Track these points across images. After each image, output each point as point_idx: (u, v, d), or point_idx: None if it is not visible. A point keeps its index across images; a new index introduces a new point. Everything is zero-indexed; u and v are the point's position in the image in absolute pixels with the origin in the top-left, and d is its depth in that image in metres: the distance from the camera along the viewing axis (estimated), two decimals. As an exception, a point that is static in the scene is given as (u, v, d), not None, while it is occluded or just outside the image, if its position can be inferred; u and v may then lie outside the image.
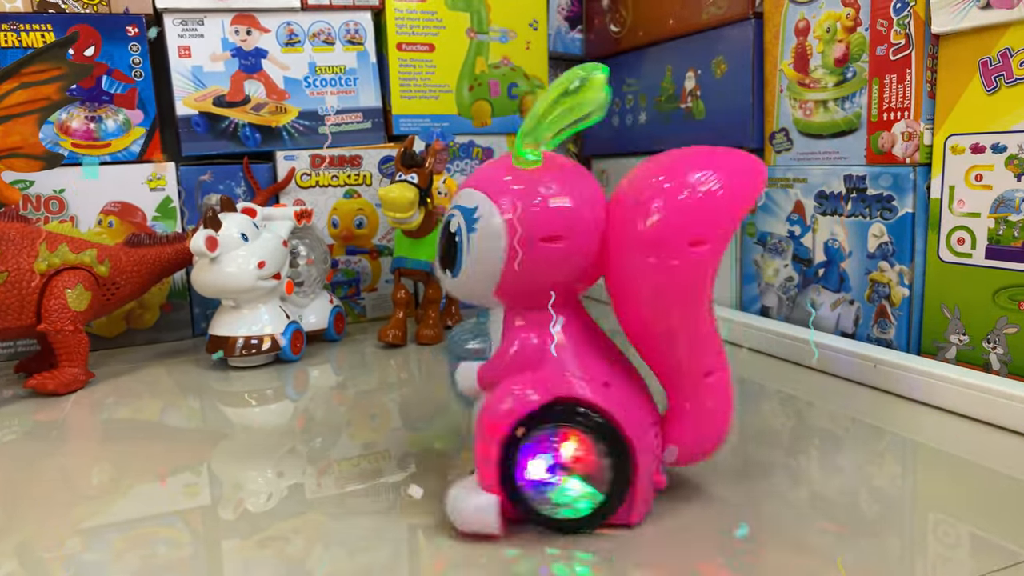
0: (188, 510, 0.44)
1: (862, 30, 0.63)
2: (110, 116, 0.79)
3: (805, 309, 0.71)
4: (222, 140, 0.83)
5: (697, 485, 0.44)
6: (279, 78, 0.85)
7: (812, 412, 0.56)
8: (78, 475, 0.49)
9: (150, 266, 0.72)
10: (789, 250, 0.72)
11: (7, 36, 0.74)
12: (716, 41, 0.79)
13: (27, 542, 0.40)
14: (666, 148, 0.92)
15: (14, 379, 0.70)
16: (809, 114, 0.70)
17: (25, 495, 0.46)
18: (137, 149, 0.80)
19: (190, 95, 0.82)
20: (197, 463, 0.51)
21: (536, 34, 0.96)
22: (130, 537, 0.40)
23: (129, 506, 0.44)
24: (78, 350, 0.65)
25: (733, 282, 0.79)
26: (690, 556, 0.37)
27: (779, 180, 0.72)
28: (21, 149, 0.57)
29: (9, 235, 0.62)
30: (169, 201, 0.81)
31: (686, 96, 0.85)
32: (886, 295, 0.63)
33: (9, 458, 0.52)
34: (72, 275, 0.65)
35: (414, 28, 0.89)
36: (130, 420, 0.60)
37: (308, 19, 0.86)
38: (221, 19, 0.82)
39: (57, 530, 0.41)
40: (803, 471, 0.46)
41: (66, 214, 0.77)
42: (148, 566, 0.37)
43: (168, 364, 0.74)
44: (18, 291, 0.62)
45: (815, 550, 0.37)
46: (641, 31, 0.91)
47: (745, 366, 0.68)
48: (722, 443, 0.41)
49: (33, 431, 0.57)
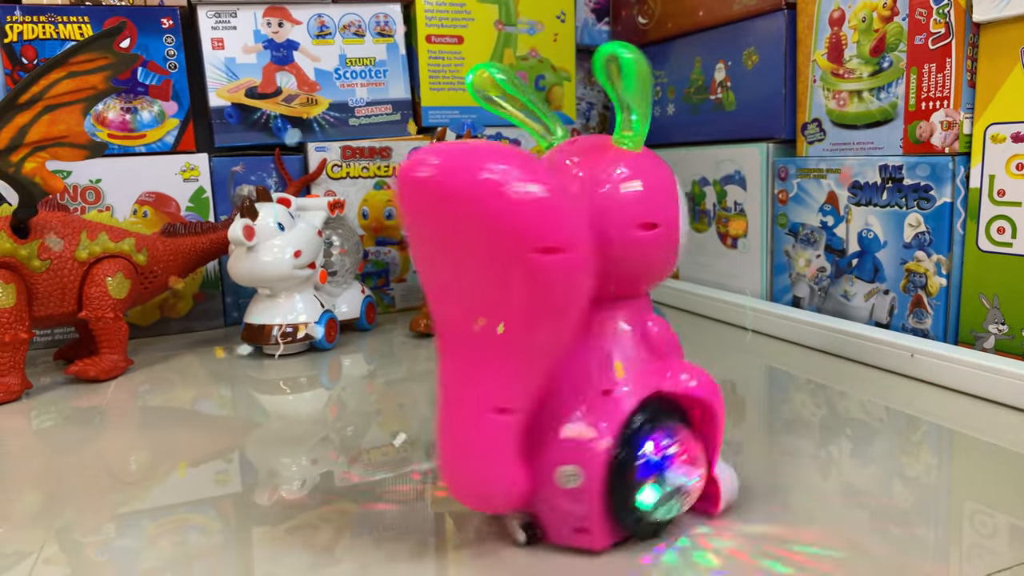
0: (220, 497, 0.44)
1: (899, 19, 0.63)
2: (145, 107, 0.80)
3: (838, 299, 0.71)
4: (254, 131, 0.83)
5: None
6: (310, 70, 0.85)
7: (845, 402, 0.56)
8: (116, 461, 0.50)
9: (185, 255, 0.73)
10: (821, 240, 0.72)
11: (45, 28, 0.75)
12: (747, 32, 0.79)
13: (67, 527, 0.41)
14: (694, 139, 0.92)
15: (53, 366, 0.71)
16: (843, 104, 0.69)
17: (66, 480, 0.47)
18: (171, 140, 0.81)
19: (223, 87, 0.82)
20: (231, 450, 0.52)
21: (563, 26, 0.96)
22: (163, 524, 0.41)
23: (163, 493, 0.45)
24: (118, 337, 0.66)
25: (764, 272, 0.79)
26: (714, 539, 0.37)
27: (812, 171, 0.72)
28: (66, 138, 0.57)
29: (51, 224, 0.63)
30: (202, 191, 0.82)
31: (716, 87, 0.85)
32: (922, 285, 0.63)
33: (50, 443, 0.53)
34: (112, 263, 0.66)
35: (443, 20, 0.90)
36: (166, 407, 0.60)
37: (339, 11, 0.86)
38: (254, 11, 0.83)
39: (95, 515, 0.42)
40: (834, 461, 0.46)
41: (102, 204, 0.78)
42: (179, 553, 0.38)
43: (203, 353, 0.75)
44: (60, 279, 0.63)
45: (846, 539, 0.37)
46: (670, 23, 0.91)
47: (776, 356, 0.68)
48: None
49: (73, 416, 0.58)
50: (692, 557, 0.35)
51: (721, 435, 0.38)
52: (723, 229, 0.84)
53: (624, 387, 0.34)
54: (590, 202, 0.33)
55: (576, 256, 0.30)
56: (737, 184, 0.81)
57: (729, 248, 0.83)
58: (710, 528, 0.38)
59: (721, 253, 0.85)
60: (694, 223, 0.89)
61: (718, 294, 0.81)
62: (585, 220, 0.31)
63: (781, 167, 0.76)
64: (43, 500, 0.44)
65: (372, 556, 0.37)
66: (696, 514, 0.38)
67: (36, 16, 0.75)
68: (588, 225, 0.31)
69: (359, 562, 0.36)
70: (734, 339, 0.74)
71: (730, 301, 0.79)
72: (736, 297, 0.80)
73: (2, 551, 0.38)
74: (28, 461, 0.51)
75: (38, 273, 0.62)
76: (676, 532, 0.37)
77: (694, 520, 0.38)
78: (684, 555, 0.35)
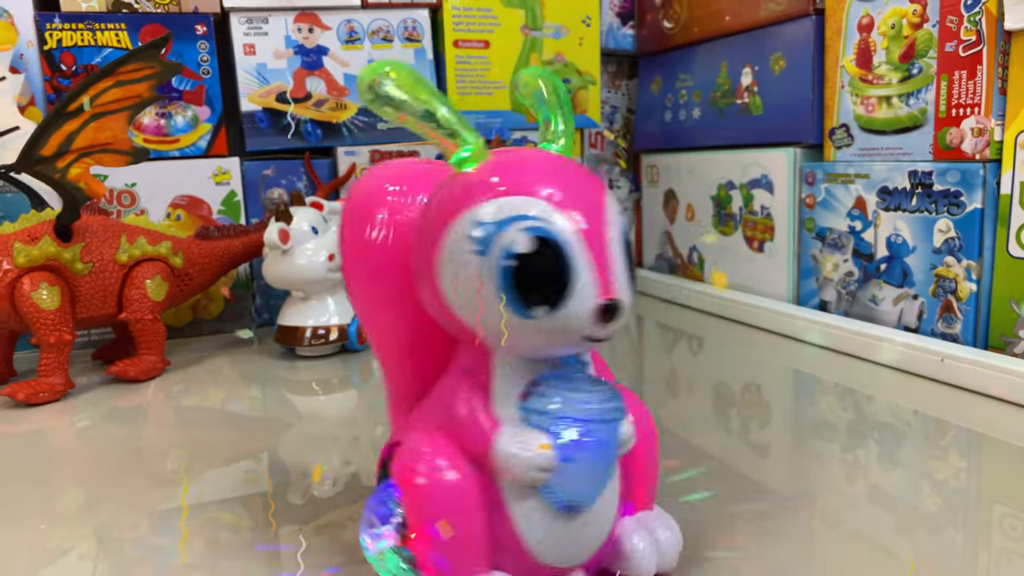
0: (249, 496, 0.45)
1: (929, 26, 0.64)
2: (179, 112, 0.81)
3: (865, 303, 0.71)
4: (283, 135, 0.85)
5: (749, 478, 0.45)
6: (339, 75, 0.87)
7: (872, 406, 0.57)
8: (153, 460, 0.51)
9: (219, 258, 0.74)
10: (849, 245, 0.72)
11: (84, 35, 0.77)
12: (775, 37, 0.80)
13: (105, 523, 0.42)
14: (721, 143, 0.92)
15: (92, 366, 0.73)
16: (871, 110, 0.70)
17: (106, 478, 0.48)
18: (204, 144, 0.82)
19: (254, 91, 0.84)
20: (262, 450, 0.53)
21: (589, 30, 0.96)
22: (196, 522, 0.42)
23: (196, 491, 0.46)
24: (156, 338, 0.67)
25: (791, 276, 0.79)
26: (745, 548, 0.37)
27: (839, 176, 0.73)
28: (111, 145, 0.59)
29: (93, 228, 0.65)
30: (233, 195, 0.83)
31: (742, 92, 0.85)
32: (952, 290, 0.63)
33: (91, 442, 0.55)
34: (150, 266, 0.67)
35: (470, 25, 0.90)
36: (200, 407, 0.62)
37: (368, 17, 0.87)
38: (284, 17, 0.84)
39: (132, 513, 0.43)
40: (862, 464, 0.47)
41: (137, 207, 0.80)
42: (210, 551, 0.38)
43: (234, 353, 0.76)
44: (101, 281, 0.65)
45: (873, 543, 0.37)
46: (696, 27, 0.91)
47: (803, 359, 0.69)
48: None
49: (112, 416, 0.60)
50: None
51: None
52: (749, 232, 0.85)
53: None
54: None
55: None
56: (764, 188, 0.82)
57: (756, 252, 0.84)
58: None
59: (748, 256, 0.85)
60: (720, 226, 0.89)
61: (744, 297, 0.82)
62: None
63: (809, 172, 0.76)
64: (84, 497, 0.46)
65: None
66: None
67: (74, 23, 0.77)
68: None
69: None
70: (761, 342, 0.75)
71: (756, 304, 0.79)
72: (760, 300, 0.80)
73: (44, 546, 0.39)
74: (70, 459, 0.52)
75: (81, 276, 0.63)
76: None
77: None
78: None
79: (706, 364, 0.72)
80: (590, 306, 0.26)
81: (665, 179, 1.00)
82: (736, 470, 0.46)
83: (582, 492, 0.28)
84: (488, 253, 0.26)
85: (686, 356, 0.75)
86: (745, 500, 0.42)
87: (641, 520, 0.32)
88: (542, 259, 0.26)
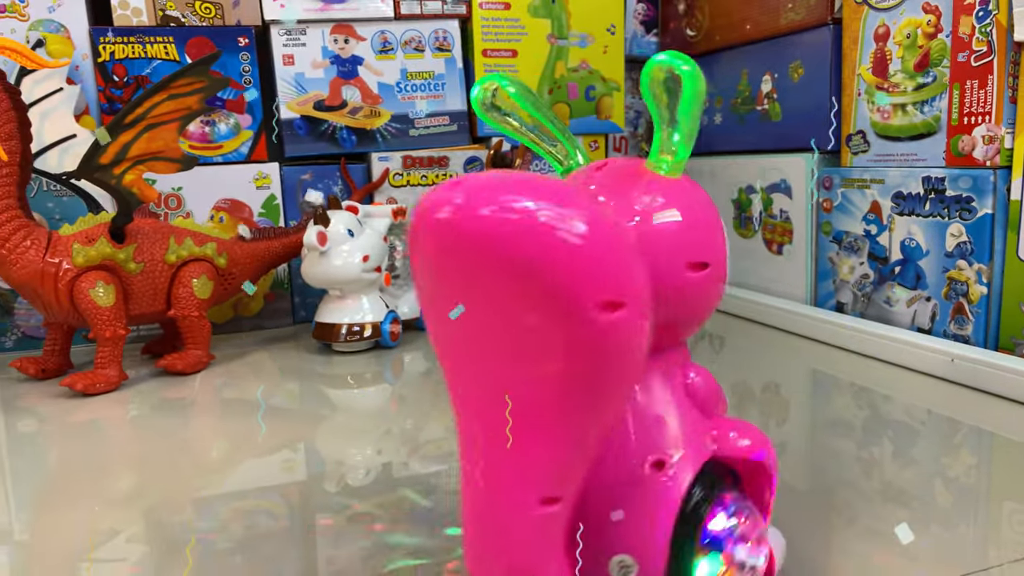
0: (287, 485, 0.48)
1: (943, 36, 0.66)
2: (222, 120, 0.86)
3: (880, 305, 0.73)
4: (321, 142, 0.89)
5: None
6: (373, 83, 0.90)
7: (887, 405, 0.58)
8: (198, 449, 0.55)
9: (260, 258, 0.78)
10: (865, 248, 0.74)
11: (135, 48, 0.82)
12: (794, 46, 0.82)
13: (153, 508, 0.45)
14: (741, 148, 0.94)
15: (141, 360, 0.77)
16: (887, 117, 0.72)
17: (155, 465, 0.52)
18: (245, 150, 0.87)
19: (293, 100, 0.88)
20: (299, 441, 0.56)
21: (613, 38, 0.99)
22: (235, 508, 0.45)
23: (237, 479, 0.49)
24: (202, 334, 0.71)
25: (808, 278, 0.82)
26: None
27: (856, 181, 0.75)
28: (163, 153, 0.63)
29: (144, 230, 0.69)
30: (273, 198, 0.87)
31: (762, 98, 0.87)
32: (964, 292, 0.65)
33: (143, 431, 0.59)
34: (197, 266, 0.71)
35: (499, 35, 0.94)
36: (241, 399, 0.65)
37: (401, 28, 0.91)
38: (322, 29, 0.88)
39: (178, 498, 0.46)
40: (876, 461, 0.48)
41: (183, 210, 0.84)
42: (249, 535, 0.41)
43: (273, 349, 0.80)
44: (152, 280, 0.69)
45: (887, 538, 0.38)
46: (718, 36, 0.94)
47: (819, 359, 0.71)
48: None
49: (161, 406, 0.64)
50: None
51: (773, 497, 0.32)
52: (768, 235, 0.87)
53: (676, 455, 0.29)
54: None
55: (639, 311, 0.24)
56: (783, 192, 0.84)
57: (774, 254, 0.86)
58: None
59: (767, 258, 0.87)
60: (740, 229, 0.92)
61: (763, 298, 0.84)
62: (644, 266, 0.25)
63: (826, 177, 0.79)
64: (135, 482, 0.49)
65: (428, 545, 0.40)
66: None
67: (126, 37, 0.81)
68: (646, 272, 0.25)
69: (413, 549, 0.39)
70: (778, 342, 0.77)
71: (775, 305, 0.82)
72: (780, 301, 0.82)
73: (97, 527, 0.43)
74: (124, 447, 0.56)
75: (133, 275, 0.68)
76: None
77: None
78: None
79: (726, 363, 0.74)
80: None
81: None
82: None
83: None
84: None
85: (707, 355, 0.78)
86: None
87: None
88: None
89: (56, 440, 0.58)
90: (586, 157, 0.33)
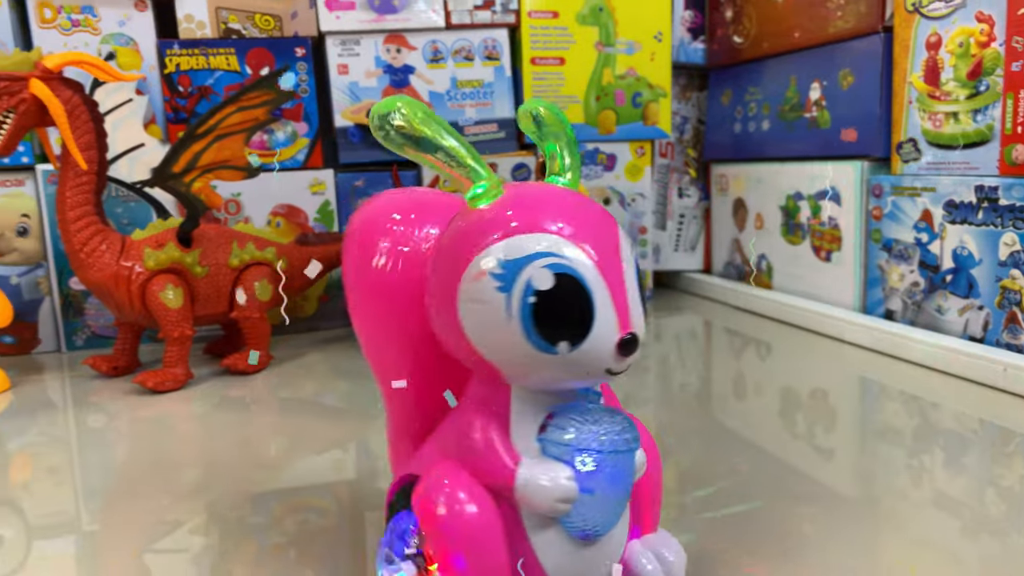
0: (337, 483, 0.50)
1: (996, 45, 0.65)
2: (280, 128, 0.89)
3: (931, 313, 0.73)
4: (374, 149, 0.91)
5: (815, 480, 0.47)
6: (424, 92, 0.93)
7: (937, 413, 0.58)
8: (257, 445, 0.57)
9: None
10: (915, 256, 0.74)
11: (198, 59, 0.85)
12: (843, 53, 0.82)
13: (215, 502, 0.47)
14: (788, 155, 0.94)
15: (203, 359, 0.81)
16: (939, 125, 0.72)
17: (218, 460, 0.54)
18: (301, 157, 0.90)
19: (347, 108, 0.91)
20: (351, 439, 0.58)
21: (660, 45, 1.00)
22: (289, 504, 0.46)
23: (292, 475, 0.51)
24: (263, 335, 0.74)
25: (857, 286, 0.82)
26: (809, 551, 0.39)
27: (906, 189, 0.75)
28: (230, 161, 0.66)
29: (209, 235, 0.72)
30: (328, 204, 0.90)
31: (811, 105, 0.88)
32: (1017, 302, 0.64)
33: (207, 427, 0.61)
34: (258, 270, 0.74)
35: (547, 43, 0.95)
36: (296, 399, 0.68)
37: (451, 37, 0.93)
38: (375, 39, 0.91)
39: (237, 493, 0.48)
40: (927, 470, 0.48)
41: (242, 215, 0.87)
42: (301, 531, 0.43)
43: (326, 350, 0.83)
44: (216, 283, 0.72)
45: (936, 547, 0.39)
46: (766, 42, 0.94)
47: (868, 367, 0.71)
48: None
49: (224, 404, 0.67)
50: None
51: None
52: (817, 242, 0.87)
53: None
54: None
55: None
56: (831, 199, 0.84)
57: (823, 261, 0.86)
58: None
59: (815, 266, 0.88)
60: (788, 236, 0.92)
61: (811, 305, 0.84)
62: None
63: (876, 184, 0.79)
64: (200, 477, 0.52)
65: None
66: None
67: (191, 49, 0.85)
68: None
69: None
70: (826, 349, 0.77)
71: (823, 312, 0.82)
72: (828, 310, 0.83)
73: (163, 519, 0.45)
74: (190, 442, 0.59)
75: (199, 278, 0.71)
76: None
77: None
78: None
79: (773, 369, 0.75)
80: (611, 341, 0.27)
81: (735, 188, 1.03)
82: (801, 473, 0.48)
83: (600, 520, 0.29)
84: (510, 290, 0.27)
85: (754, 361, 0.78)
86: (811, 503, 0.44)
87: (648, 543, 0.32)
88: (564, 295, 0.26)
89: (125, 434, 0.61)
90: (496, 180, 0.30)
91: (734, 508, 0.43)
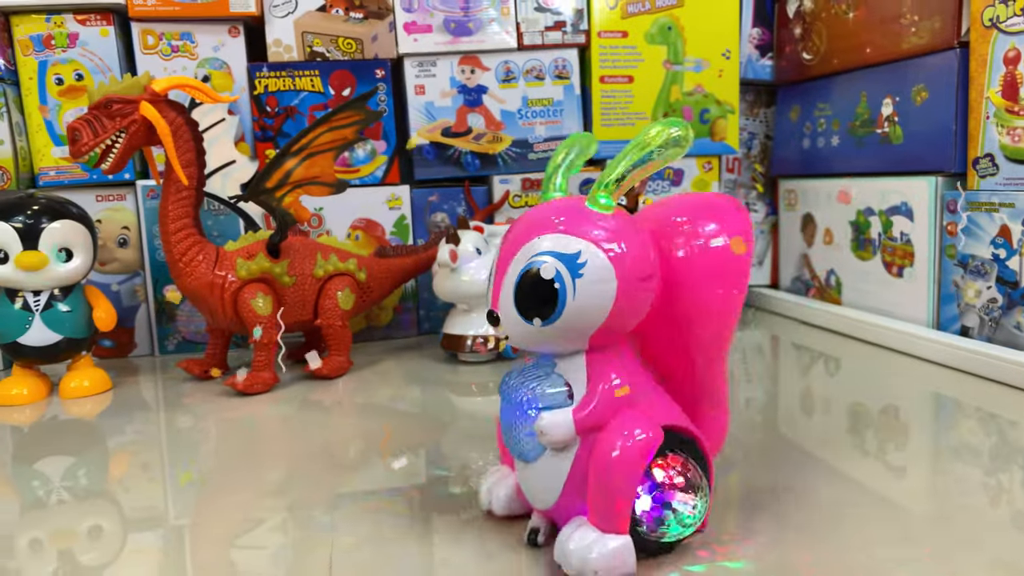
0: (410, 487, 0.51)
1: (1079, 59, 0.65)
2: (360, 146, 0.93)
3: (1010, 330, 0.72)
4: (448, 166, 0.95)
5: (884, 497, 0.47)
6: (497, 111, 0.96)
7: (1015, 431, 0.57)
8: (336, 447, 0.60)
9: (394, 274, 0.85)
10: (993, 272, 0.73)
11: (285, 81, 0.90)
12: (917, 69, 0.82)
13: (294, 501, 0.49)
14: (859, 170, 0.94)
15: (288, 364, 0.84)
16: (1018, 140, 0.71)
17: (299, 460, 0.57)
18: (380, 174, 0.94)
19: (423, 127, 0.94)
20: (424, 444, 0.60)
21: (728, 63, 1.01)
22: (363, 505, 0.48)
23: (367, 478, 0.53)
24: (345, 342, 0.78)
25: (931, 302, 0.81)
26: (880, 571, 0.38)
27: (983, 204, 0.74)
28: (319, 178, 0.70)
29: (295, 247, 0.77)
30: (403, 218, 0.94)
31: (883, 121, 0.87)
32: (1100, 319, 0.63)
33: (291, 429, 0.65)
34: (341, 280, 0.78)
35: (616, 62, 0.98)
36: (372, 404, 0.71)
37: (523, 57, 0.96)
38: (450, 60, 0.95)
39: (315, 494, 0.50)
40: (1004, 488, 0.47)
41: (323, 228, 0.92)
42: (374, 532, 0.44)
43: (401, 358, 0.86)
44: (302, 292, 0.76)
45: (1015, 568, 0.38)
46: (836, 59, 0.94)
47: (942, 383, 0.70)
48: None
49: (306, 407, 0.70)
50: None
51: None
52: (888, 258, 0.87)
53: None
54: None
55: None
56: (904, 215, 0.84)
57: (895, 277, 0.86)
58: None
59: (886, 282, 0.87)
60: (858, 251, 0.92)
61: (882, 320, 0.84)
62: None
63: (950, 200, 0.78)
64: (282, 476, 0.54)
65: (534, 552, 0.41)
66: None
67: (278, 72, 0.90)
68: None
69: (527, 553, 0.41)
70: (898, 365, 0.77)
71: (895, 328, 0.81)
72: (896, 323, 0.82)
73: (247, 516, 0.48)
74: (274, 443, 0.62)
75: (287, 287, 0.75)
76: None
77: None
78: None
79: (842, 385, 0.75)
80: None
81: (803, 204, 1.02)
82: (873, 491, 0.48)
83: (512, 447, 0.40)
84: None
85: (823, 377, 0.78)
86: (881, 522, 0.43)
87: (579, 525, 0.37)
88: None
89: (214, 434, 0.65)
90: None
91: (800, 525, 0.43)
